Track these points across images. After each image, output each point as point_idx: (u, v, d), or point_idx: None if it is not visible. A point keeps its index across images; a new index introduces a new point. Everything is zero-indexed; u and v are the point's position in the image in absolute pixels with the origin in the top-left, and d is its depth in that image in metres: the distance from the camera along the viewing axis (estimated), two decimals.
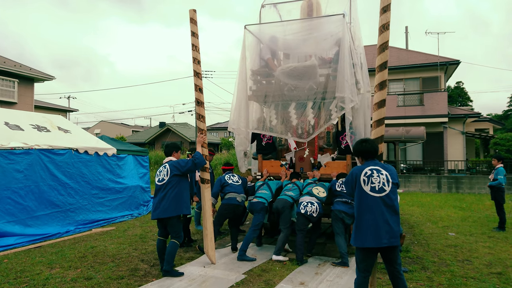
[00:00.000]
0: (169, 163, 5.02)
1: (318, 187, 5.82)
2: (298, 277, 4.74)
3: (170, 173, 4.90)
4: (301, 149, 6.75)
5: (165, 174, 4.93)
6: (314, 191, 5.73)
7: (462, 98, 41.95)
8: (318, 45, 6.27)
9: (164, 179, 4.91)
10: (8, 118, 8.01)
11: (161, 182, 4.93)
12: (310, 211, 5.47)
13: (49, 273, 4.86)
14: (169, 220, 4.85)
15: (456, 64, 20.21)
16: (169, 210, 4.79)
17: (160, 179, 4.96)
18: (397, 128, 17.53)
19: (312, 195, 5.67)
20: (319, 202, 5.60)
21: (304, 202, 5.59)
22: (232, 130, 6.48)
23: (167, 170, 4.94)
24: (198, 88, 5.55)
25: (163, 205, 4.80)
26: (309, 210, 5.47)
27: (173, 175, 4.89)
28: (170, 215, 4.80)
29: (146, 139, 34.56)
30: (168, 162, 5.05)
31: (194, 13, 5.57)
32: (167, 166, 4.99)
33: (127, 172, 9.68)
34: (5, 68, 17.76)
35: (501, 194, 7.86)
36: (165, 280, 4.62)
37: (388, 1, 3.87)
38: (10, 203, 6.62)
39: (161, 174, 4.99)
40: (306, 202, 5.57)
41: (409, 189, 16.58)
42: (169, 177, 4.88)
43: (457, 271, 5.03)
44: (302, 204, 5.58)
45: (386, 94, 4.04)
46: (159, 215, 4.83)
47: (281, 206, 5.66)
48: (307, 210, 5.48)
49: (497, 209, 7.94)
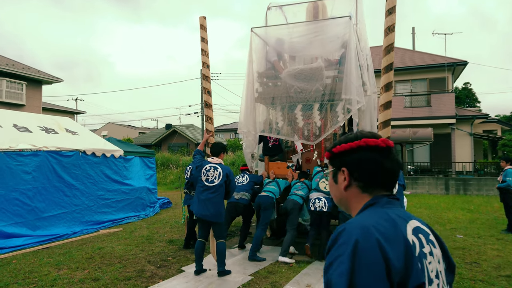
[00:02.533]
0: (222, 167, 4.98)
1: (325, 179, 5.84)
2: (304, 279, 4.74)
3: (223, 178, 4.89)
4: (308, 151, 6.75)
5: (216, 177, 4.89)
6: (321, 185, 5.79)
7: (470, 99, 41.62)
8: (325, 47, 6.27)
9: (214, 181, 4.87)
10: (16, 120, 8.10)
11: (210, 183, 4.87)
12: (319, 206, 5.64)
13: (57, 274, 4.90)
14: (218, 224, 4.89)
15: (463, 65, 20.06)
16: (219, 215, 4.82)
17: (210, 180, 4.89)
18: (404, 130, 17.43)
19: (319, 191, 5.75)
20: (326, 197, 5.68)
21: (312, 199, 5.73)
22: (242, 133, 6.51)
23: (220, 173, 4.91)
24: (207, 91, 5.73)
25: (214, 209, 4.79)
26: (318, 206, 5.65)
27: (224, 180, 4.90)
28: (221, 220, 4.87)
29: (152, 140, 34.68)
30: (221, 166, 5.00)
31: (204, 20, 5.72)
32: (219, 169, 4.94)
33: (134, 174, 9.73)
34: (14, 70, 17.95)
35: (510, 196, 7.79)
36: (171, 280, 4.63)
37: (393, 3, 3.87)
38: (19, 204, 6.68)
39: (210, 174, 4.92)
40: (314, 198, 5.71)
41: (416, 191, 16.47)
42: (221, 181, 4.87)
43: (465, 273, 4.99)
44: (311, 201, 5.73)
45: (392, 95, 4.04)
46: (211, 218, 4.81)
47: (290, 207, 5.70)
48: (316, 206, 5.65)
49: (506, 211, 7.87)
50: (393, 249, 0.93)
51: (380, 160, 1.13)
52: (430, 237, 1.10)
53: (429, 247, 1.06)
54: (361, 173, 1.15)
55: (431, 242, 1.09)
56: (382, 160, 1.13)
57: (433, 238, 1.12)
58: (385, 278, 0.89)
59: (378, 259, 0.90)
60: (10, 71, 17.75)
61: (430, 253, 1.05)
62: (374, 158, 1.13)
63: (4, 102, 17.27)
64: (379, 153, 1.13)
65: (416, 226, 1.07)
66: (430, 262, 1.03)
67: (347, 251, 0.93)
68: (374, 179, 1.14)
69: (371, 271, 0.89)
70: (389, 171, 1.14)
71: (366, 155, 1.13)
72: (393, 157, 1.15)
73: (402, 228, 1.01)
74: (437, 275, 1.05)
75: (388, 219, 1.02)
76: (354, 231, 0.96)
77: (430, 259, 1.04)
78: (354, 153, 1.15)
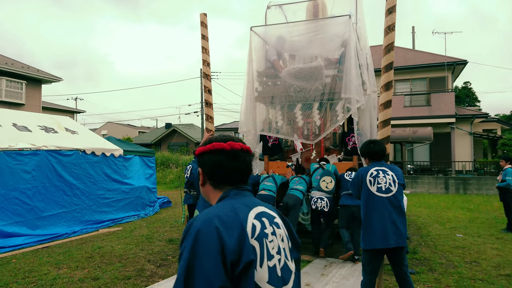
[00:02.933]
0: None
1: (325, 177, 5.83)
2: (304, 279, 4.73)
3: None
4: (307, 150, 6.74)
5: None
6: (322, 184, 5.79)
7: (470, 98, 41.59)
8: (324, 46, 6.26)
9: None
10: (16, 119, 8.10)
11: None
12: (320, 206, 5.69)
13: (56, 273, 4.90)
14: None
15: (463, 64, 20.05)
16: None
17: None
18: (404, 129, 17.42)
19: (321, 190, 5.78)
20: (328, 196, 5.73)
21: (314, 198, 5.78)
22: (243, 133, 6.51)
23: None
24: (207, 89, 5.65)
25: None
26: (319, 206, 5.70)
27: None
28: None
29: (152, 140, 34.68)
30: None
31: (204, 16, 5.62)
32: None
33: (133, 173, 9.73)
34: (13, 69, 17.94)
35: (510, 195, 7.79)
36: (171, 280, 4.63)
37: (394, 3, 3.86)
38: (18, 203, 6.68)
39: None
40: (316, 198, 5.76)
41: (416, 190, 16.47)
42: None
43: (465, 272, 4.99)
44: (313, 199, 5.78)
45: (392, 95, 4.03)
46: None
47: (292, 203, 5.73)
48: (317, 206, 5.71)
49: (506, 211, 7.87)
50: (229, 234, 1.10)
51: (226, 161, 1.30)
52: (275, 220, 1.30)
53: (272, 228, 1.25)
54: (210, 173, 1.33)
55: (275, 224, 1.28)
56: (227, 161, 1.30)
57: (278, 221, 1.31)
58: (219, 258, 1.05)
59: (214, 243, 1.07)
60: (9, 70, 17.73)
61: (273, 233, 1.24)
62: (219, 160, 1.30)
63: (3, 101, 17.26)
64: (225, 155, 1.29)
65: (261, 211, 1.26)
66: (272, 240, 1.22)
67: (190, 240, 1.09)
68: (222, 178, 1.32)
69: (206, 253, 1.05)
70: (235, 171, 1.31)
71: (214, 158, 1.30)
72: (241, 158, 1.31)
73: (243, 215, 1.18)
74: (278, 251, 1.23)
75: (231, 209, 1.19)
76: (198, 223, 1.12)
77: (271, 238, 1.22)
78: (206, 155, 1.32)
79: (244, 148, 1.33)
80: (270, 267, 1.17)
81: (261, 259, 1.15)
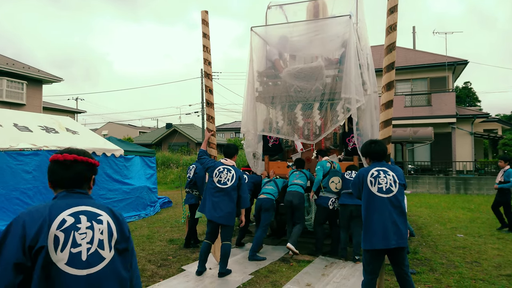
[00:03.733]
0: (235, 170, 4.94)
1: (334, 177, 5.81)
2: (304, 279, 4.73)
3: (236, 181, 4.85)
4: (308, 150, 6.74)
5: (229, 179, 4.83)
6: (331, 186, 5.79)
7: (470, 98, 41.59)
8: (325, 46, 6.26)
9: (227, 183, 4.82)
10: (17, 120, 8.09)
11: (223, 185, 4.81)
12: (336, 206, 5.79)
13: None
14: (227, 226, 4.85)
15: (464, 64, 20.04)
16: (230, 218, 4.78)
17: (222, 181, 4.83)
18: (404, 129, 17.41)
19: (331, 192, 5.79)
20: (337, 197, 5.81)
21: (332, 198, 5.82)
22: (245, 133, 6.51)
23: (233, 175, 4.86)
24: (208, 89, 5.58)
25: (226, 211, 4.74)
26: (336, 206, 5.80)
27: (237, 183, 4.87)
28: (232, 223, 4.85)
29: (153, 140, 34.69)
30: (234, 168, 4.96)
31: (206, 14, 5.55)
32: (232, 171, 4.89)
33: (134, 173, 9.73)
34: (14, 70, 17.96)
35: (510, 196, 7.78)
36: (172, 280, 4.63)
37: (395, 2, 3.86)
38: (19, 203, 6.68)
39: (223, 176, 4.85)
40: (333, 198, 5.82)
41: (417, 190, 16.46)
42: (233, 183, 4.83)
43: (465, 273, 4.99)
44: (330, 200, 5.80)
45: (393, 95, 4.03)
46: (223, 221, 4.74)
47: (297, 201, 5.74)
48: (335, 206, 5.80)
49: (505, 211, 7.85)
50: (32, 226, 1.43)
51: (58, 169, 1.62)
52: (99, 218, 1.58)
53: (89, 223, 1.54)
54: (48, 177, 1.65)
55: (96, 220, 1.56)
56: (60, 169, 1.62)
57: (103, 218, 1.59)
58: (19, 242, 1.40)
59: (18, 231, 1.42)
60: (10, 71, 17.75)
61: (89, 227, 1.53)
62: (54, 168, 1.63)
63: (4, 102, 17.29)
64: (59, 165, 1.62)
65: (81, 210, 1.56)
66: (84, 233, 1.51)
67: (7, 227, 1.44)
68: (55, 183, 1.65)
69: (9, 238, 1.41)
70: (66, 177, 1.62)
71: (51, 166, 1.63)
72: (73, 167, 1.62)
73: (55, 211, 1.50)
74: (90, 242, 1.51)
75: (46, 206, 1.52)
76: (18, 216, 1.47)
77: (84, 231, 1.51)
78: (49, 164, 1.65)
79: (78, 159, 1.63)
80: (72, 253, 1.46)
81: (63, 245, 1.45)
